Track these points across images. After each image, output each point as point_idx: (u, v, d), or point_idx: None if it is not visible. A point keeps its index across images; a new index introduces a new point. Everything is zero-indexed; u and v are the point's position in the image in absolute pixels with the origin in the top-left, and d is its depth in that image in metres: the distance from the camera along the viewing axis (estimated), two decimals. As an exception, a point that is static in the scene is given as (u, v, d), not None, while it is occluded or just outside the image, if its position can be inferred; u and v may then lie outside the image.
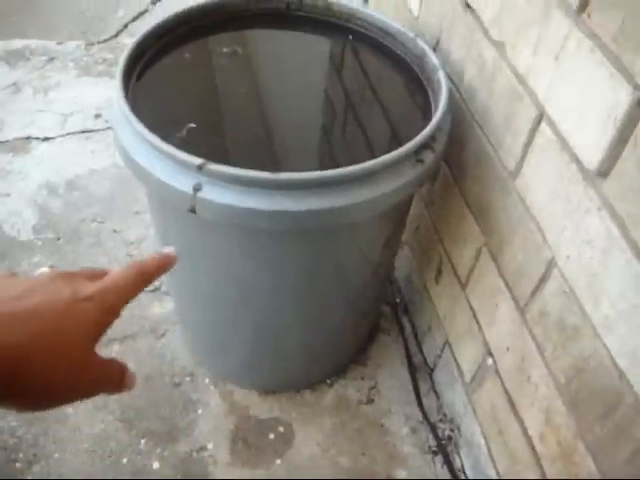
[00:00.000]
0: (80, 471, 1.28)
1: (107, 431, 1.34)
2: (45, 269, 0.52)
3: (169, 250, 0.54)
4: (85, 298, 0.44)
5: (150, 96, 1.07)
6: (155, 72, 1.12)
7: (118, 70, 1.01)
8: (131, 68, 1.06)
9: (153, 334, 1.51)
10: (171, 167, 0.90)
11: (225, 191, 0.88)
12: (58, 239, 1.73)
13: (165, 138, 0.90)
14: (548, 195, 0.89)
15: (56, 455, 1.30)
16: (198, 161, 0.86)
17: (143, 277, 0.49)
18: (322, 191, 0.89)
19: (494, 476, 1.15)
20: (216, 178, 0.88)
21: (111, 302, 0.45)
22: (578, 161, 0.81)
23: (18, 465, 1.28)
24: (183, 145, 0.89)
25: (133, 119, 0.92)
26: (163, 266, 0.52)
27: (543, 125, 0.88)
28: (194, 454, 1.31)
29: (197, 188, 0.88)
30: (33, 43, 2.45)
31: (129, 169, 0.98)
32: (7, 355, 0.39)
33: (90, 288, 0.45)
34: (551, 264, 0.90)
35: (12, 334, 0.39)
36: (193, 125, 1.02)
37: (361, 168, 0.89)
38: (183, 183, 0.89)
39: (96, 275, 0.48)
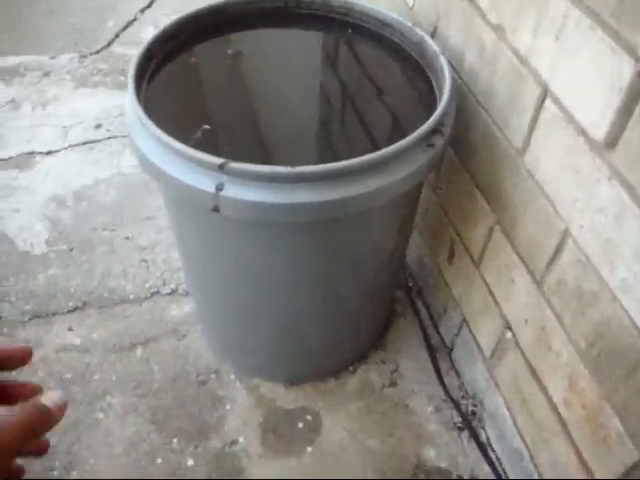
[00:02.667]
0: (117, 474, 1.31)
1: (139, 433, 1.37)
2: None
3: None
4: None
5: (161, 100, 1.10)
6: (163, 77, 1.14)
7: (129, 77, 1.03)
8: (140, 75, 1.08)
9: (174, 335, 1.54)
10: (191, 168, 0.92)
11: (246, 188, 0.90)
12: (71, 250, 1.75)
13: (181, 140, 0.93)
14: (557, 169, 0.92)
15: (91, 461, 1.32)
16: (219, 161, 0.89)
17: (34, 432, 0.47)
18: (339, 181, 0.92)
19: (521, 446, 1.18)
20: (237, 176, 0.90)
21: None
22: (585, 134, 0.84)
23: (55, 473, 1.31)
24: (199, 146, 0.92)
25: (150, 124, 0.94)
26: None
27: (548, 102, 0.91)
28: (226, 448, 1.34)
29: (219, 187, 0.91)
30: (27, 59, 2.47)
31: (146, 172, 1.01)
32: None
33: None
34: (565, 235, 0.93)
35: None
36: (207, 127, 1.04)
37: (375, 156, 0.92)
38: (205, 183, 0.91)
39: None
